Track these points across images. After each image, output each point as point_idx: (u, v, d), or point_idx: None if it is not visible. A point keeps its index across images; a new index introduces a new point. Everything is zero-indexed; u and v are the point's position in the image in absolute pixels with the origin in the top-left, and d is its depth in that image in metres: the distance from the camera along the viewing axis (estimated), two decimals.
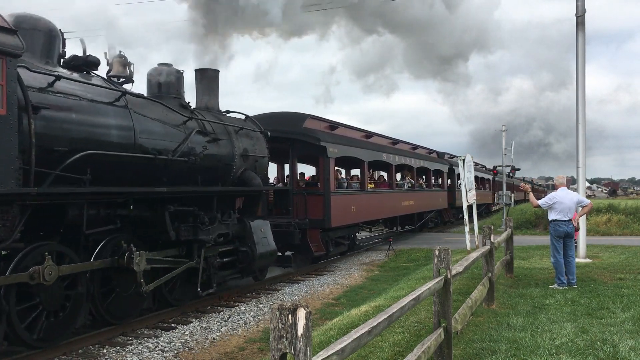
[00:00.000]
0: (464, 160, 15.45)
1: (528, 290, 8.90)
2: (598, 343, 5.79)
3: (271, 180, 16.10)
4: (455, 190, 27.90)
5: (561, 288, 8.99)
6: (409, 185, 22.07)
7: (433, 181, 26.00)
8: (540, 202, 9.73)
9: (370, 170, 20.52)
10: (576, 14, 13.05)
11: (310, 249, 13.81)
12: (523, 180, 52.62)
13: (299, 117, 14.72)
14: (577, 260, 10.28)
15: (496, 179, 40.09)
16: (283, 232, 13.12)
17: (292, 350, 2.30)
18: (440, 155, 28.40)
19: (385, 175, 22.13)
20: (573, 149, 13.63)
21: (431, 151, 27.01)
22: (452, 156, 30.31)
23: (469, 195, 15.23)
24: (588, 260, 12.59)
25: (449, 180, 28.33)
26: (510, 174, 27.07)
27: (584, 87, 13.06)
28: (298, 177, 15.62)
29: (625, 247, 15.53)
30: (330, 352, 2.62)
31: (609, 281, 9.65)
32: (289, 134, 14.18)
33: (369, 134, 18.72)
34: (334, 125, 16.02)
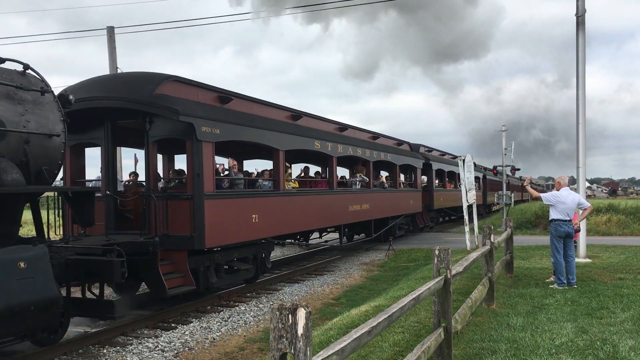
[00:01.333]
0: (464, 160, 15.45)
1: (528, 290, 8.90)
2: (598, 343, 5.80)
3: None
4: (433, 190, 24.48)
5: (561, 288, 9.00)
6: (362, 184, 17.26)
7: (402, 179, 22.20)
8: (543, 195, 9.70)
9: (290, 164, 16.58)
10: (576, 14, 13.05)
11: (162, 283, 8.69)
12: (520, 178, 52.24)
13: (151, 80, 9.58)
14: (577, 260, 10.28)
15: (487, 177, 36.31)
16: (93, 262, 7.74)
17: (292, 350, 2.30)
18: (415, 147, 23.73)
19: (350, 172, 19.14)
20: (573, 149, 13.63)
21: (400, 142, 21.92)
22: (430, 149, 26.07)
23: (469, 195, 15.22)
24: (588, 260, 12.59)
25: (425, 178, 24.66)
26: (509, 174, 26.99)
27: (584, 87, 13.06)
28: (169, 173, 12.03)
29: (625, 247, 15.54)
30: (330, 352, 2.63)
31: (608, 281, 9.65)
32: (129, 103, 9.19)
33: (297, 115, 13.42)
34: (224, 96, 10.67)
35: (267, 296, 11.14)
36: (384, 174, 21.43)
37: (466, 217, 15.47)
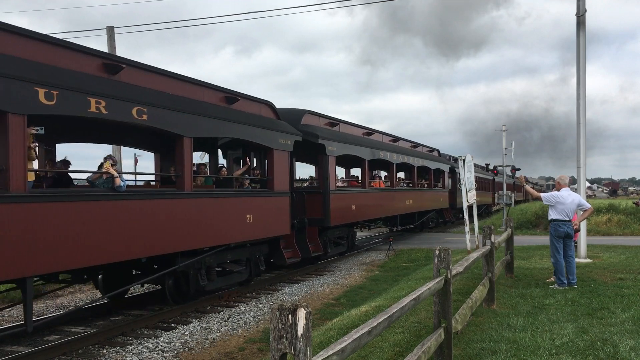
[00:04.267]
0: (464, 160, 15.43)
1: (528, 291, 8.90)
2: (598, 343, 5.79)
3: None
4: (329, 193, 13.95)
5: (561, 288, 8.99)
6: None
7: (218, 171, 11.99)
8: (542, 195, 9.70)
9: None
10: (577, 14, 13.05)
11: None
12: (513, 177, 51.58)
13: None
14: (577, 260, 10.26)
15: (456, 170, 25.83)
16: None
17: (292, 351, 2.30)
18: (286, 114, 13.12)
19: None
20: (574, 149, 13.62)
21: (232, 96, 10.63)
22: (334, 122, 15.44)
23: (469, 195, 15.21)
24: (588, 260, 12.58)
25: (309, 168, 17.15)
26: (509, 174, 26.90)
27: (585, 86, 13.06)
28: None
29: (626, 247, 15.53)
30: (330, 352, 2.62)
31: (609, 281, 9.64)
32: None
33: None
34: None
35: (267, 296, 11.14)
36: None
37: (466, 217, 15.45)
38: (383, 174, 21.93)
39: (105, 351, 7.45)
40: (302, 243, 13.50)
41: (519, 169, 26.67)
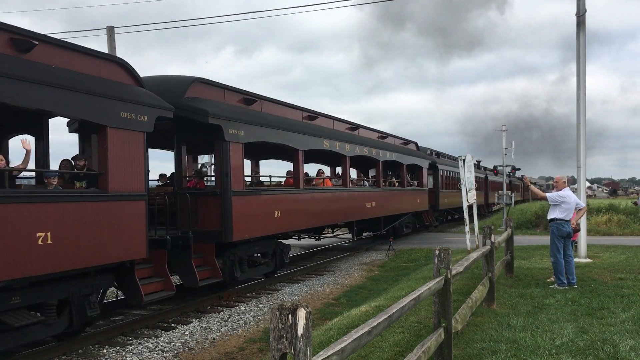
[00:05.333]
0: (464, 160, 15.41)
1: (528, 290, 8.90)
2: (598, 343, 5.79)
3: None
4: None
5: (561, 288, 9.00)
6: None
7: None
8: (548, 195, 9.68)
9: None
10: (577, 14, 13.05)
11: None
12: (512, 176, 51.56)
13: None
14: (577, 260, 10.26)
15: (440, 166, 24.64)
16: None
17: (292, 350, 2.30)
18: (157, 82, 9.47)
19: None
20: (574, 149, 13.61)
21: (26, 39, 6.34)
22: (250, 97, 11.19)
23: (469, 195, 15.20)
24: (588, 260, 12.58)
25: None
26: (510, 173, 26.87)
27: (585, 86, 13.06)
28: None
29: (626, 247, 15.53)
30: (330, 352, 2.62)
31: (609, 281, 9.64)
32: None
33: None
34: None
35: (267, 296, 11.14)
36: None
37: (466, 217, 15.44)
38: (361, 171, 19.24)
39: (105, 351, 7.45)
40: (186, 267, 9.42)
41: (519, 169, 26.68)
